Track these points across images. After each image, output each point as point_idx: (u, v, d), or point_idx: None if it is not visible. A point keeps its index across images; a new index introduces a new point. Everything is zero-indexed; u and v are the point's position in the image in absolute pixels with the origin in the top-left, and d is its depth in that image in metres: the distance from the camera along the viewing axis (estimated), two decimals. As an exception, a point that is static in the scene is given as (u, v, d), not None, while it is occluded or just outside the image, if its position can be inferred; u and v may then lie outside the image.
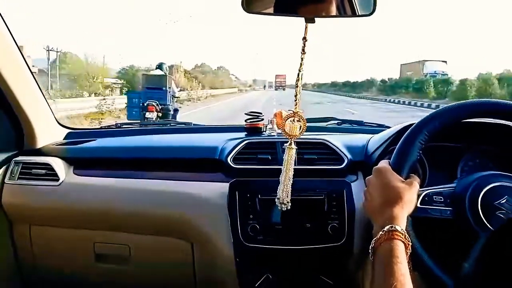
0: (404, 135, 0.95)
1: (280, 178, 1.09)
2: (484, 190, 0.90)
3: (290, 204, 1.09)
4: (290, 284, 1.20)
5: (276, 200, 1.09)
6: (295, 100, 1.04)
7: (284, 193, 1.08)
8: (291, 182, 1.08)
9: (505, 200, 0.88)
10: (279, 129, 1.48)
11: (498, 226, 0.57)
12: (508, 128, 1.14)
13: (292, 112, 1.05)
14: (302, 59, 1.00)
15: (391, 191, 0.86)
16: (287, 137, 1.07)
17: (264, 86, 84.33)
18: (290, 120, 1.05)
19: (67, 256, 1.41)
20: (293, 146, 1.07)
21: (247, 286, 1.19)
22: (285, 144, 1.09)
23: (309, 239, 1.14)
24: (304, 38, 0.99)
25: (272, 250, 1.14)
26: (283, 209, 1.09)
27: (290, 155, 1.08)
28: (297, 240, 1.14)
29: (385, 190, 0.87)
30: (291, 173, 1.08)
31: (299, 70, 1.01)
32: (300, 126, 1.05)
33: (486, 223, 0.86)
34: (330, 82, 66.81)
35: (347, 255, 1.15)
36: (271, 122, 1.50)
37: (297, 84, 1.02)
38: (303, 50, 1.00)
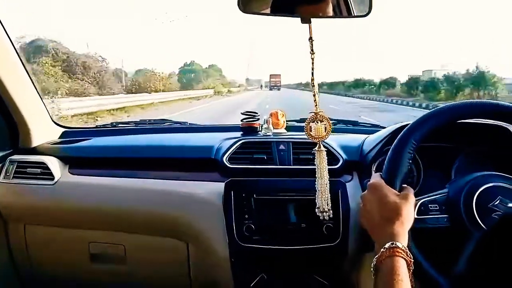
0: (392, 146, 0.93)
1: (316, 185, 1.05)
2: (477, 192, 0.90)
3: (331, 212, 1.05)
4: (285, 284, 1.20)
5: (316, 210, 1.05)
6: (315, 101, 1.02)
7: (323, 200, 1.04)
8: (329, 187, 1.04)
9: (498, 201, 0.88)
10: (275, 128, 1.49)
11: (489, 226, 0.58)
12: (500, 128, 1.14)
13: (313, 113, 1.03)
14: (312, 59, 0.99)
15: (389, 207, 0.84)
16: (314, 140, 1.03)
17: (261, 86, 77.48)
18: (314, 122, 1.03)
19: (62, 256, 1.41)
20: (323, 148, 1.04)
21: (242, 286, 1.19)
22: (314, 149, 1.05)
23: (304, 239, 1.14)
24: (311, 39, 0.99)
25: (267, 250, 1.14)
26: (325, 218, 1.05)
27: (321, 158, 1.04)
28: (292, 240, 1.14)
29: (382, 207, 0.85)
30: (327, 177, 1.04)
31: (312, 70, 1.00)
32: (325, 127, 1.02)
33: (483, 226, 0.86)
34: (352, 80, 43.50)
35: (342, 255, 1.15)
36: (266, 122, 1.50)
37: (313, 84, 1.01)
38: (311, 50, 0.99)
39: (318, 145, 1.04)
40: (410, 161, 0.92)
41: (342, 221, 1.14)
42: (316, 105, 1.02)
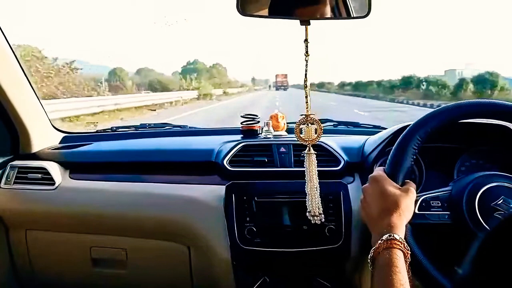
0: (397, 141, 0.94)
1: (305, 188, 1.05)
2: (480, 191, 0.90)
3: (323, 216, 1.04)
4: (287, 286, 1.19)
5: (307, 214, 1.05)
6: (306, 103, 1.02)
7: (314, 204, 1.03)
8: (319, 191, 1.04)
9: (501, 201, 0.88)
10: (275, 131, 1.49)
11: (492, 226, 0.58)
12: (504, 128, 1.14)
13: (304, 116, 1.02)
14: (306, 61, 1.00)
15: (388, 199, 0.85)
16: (304, 142, 1.03)
17: (269, 86, 70.09)
18: (304, 125, 1.02)
19: (63, 261, 1.41)
20: (312, 151, 1.03)
21: None
22: (303, 152, 1.05)
23: (306, 241, 1.13)
24: (306, 40, 0.99)
25: (269, 252, 1.13)
26: (316, 222, 1.05)
27: (310, 161, 1.03)
28: (294, 243, 1.13)
29: (382, 199, 0.86)
30: (316, 181, 1.04)
31: (306, 72, 1.00)
32: (316, 129, 1.02)
33: (485, 225, 0.86)
34: (399, 78, 28.56)
35: (344, 257, 1.15)
36: (267, 125, 1.49)
37: (305, 85, 1.01)
38: (306, 52, 0.99)
39: (307, 147, 1.03)
40: (414, 157, 0.92)
41: (344, 222, 1.14)
42: (307, 108, 1.02)
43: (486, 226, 0.86)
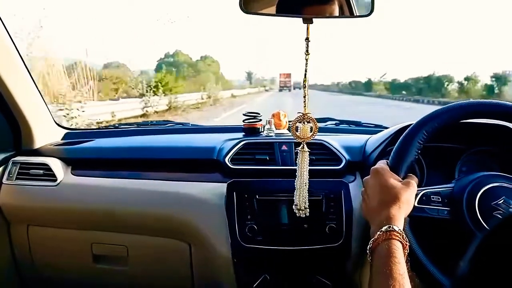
0: (403, 134, 0.94)
1: (295, 183, 1.09)
2: (482, 190, 0.90)
3: (308, 210, 1.09)
4: (288, 285, 1.19)
5: (293, 207, 1.10)
6: (304, 102, 1.04)
7: (301, 199, 1.08)
8: (307, 187, 1.08)
9: (502, 201, 0.88)
10: (278, 129, 1.49)
11: (492, 226, 0.58)
12: (506, 128, 1.14)
13: (301, 114, 1.04)
14: (306, 60, 1.01)
15: (389, 191, 0.85)
16: (299, 140, 1.06)
17: (259, 88, 58.27)
18: (300, 123, 1.05)
19: (64, 257, 1.41)
20: (306, 149, 1.07)
21: (244, 286, 1.19)
22: (297, 148, 1.09)
23: (307, 240, 1.14)
24: (307, 39, 1.00)
25: (270, 250, 1.14)
26: (301, 216, 1.09)
27: (303, 158, 1.08)
28: (295, 241, 1.13)
29: (382, 191, 0.86)
30: (306, 177, 1.08)
31: (305, 71, 1.01)
32: (311, 128, 1.05)
33: (484, 224, 0.86)
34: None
35: (345, 256, 1.15)
36: (269, 123, 1.49)
37: (304, 85, 1.03)
38: (306, 51, 1.00)
39: (302, 145, 1.07)
40: (418, 152, 0.93)
41: (345, 221, 1.14)
42: (304, 106, 1.04)
43: (485, 225, 0.86)
